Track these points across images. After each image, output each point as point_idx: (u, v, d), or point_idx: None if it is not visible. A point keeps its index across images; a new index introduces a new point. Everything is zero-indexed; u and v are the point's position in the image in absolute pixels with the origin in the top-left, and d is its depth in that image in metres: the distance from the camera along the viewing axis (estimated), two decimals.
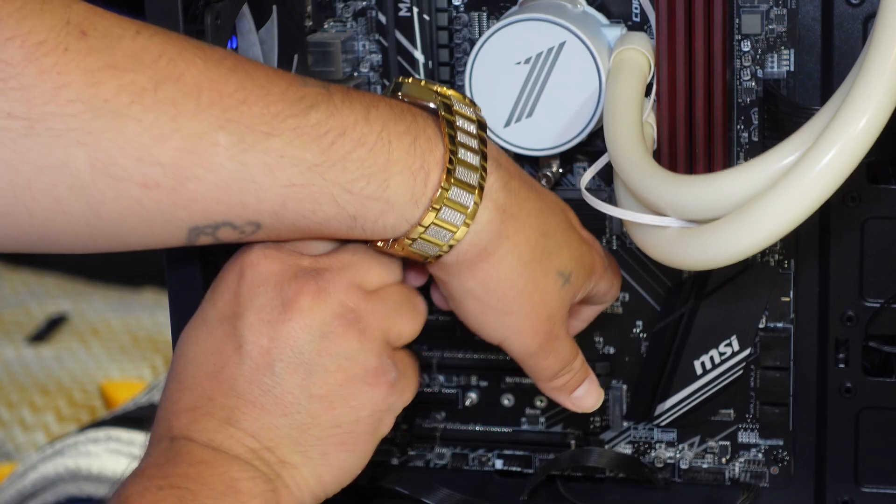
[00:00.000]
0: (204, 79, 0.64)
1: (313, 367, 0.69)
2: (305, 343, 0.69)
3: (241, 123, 0.65)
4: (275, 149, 0.65)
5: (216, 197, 0.65)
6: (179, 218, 0.65)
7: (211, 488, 0.66)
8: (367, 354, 0.70)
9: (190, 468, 0.67)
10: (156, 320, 2.26)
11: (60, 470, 1.30)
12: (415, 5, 0.87)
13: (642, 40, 0.82)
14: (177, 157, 0.64)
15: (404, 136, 0.68)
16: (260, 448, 0.69)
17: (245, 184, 0.65)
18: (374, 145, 0.67)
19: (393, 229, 0.69)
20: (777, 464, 0.91)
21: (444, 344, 0.93)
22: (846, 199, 0.84)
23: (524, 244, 0.72)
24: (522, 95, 0.83)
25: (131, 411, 1.43)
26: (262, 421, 0.69)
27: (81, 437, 1.33)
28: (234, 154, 0.65)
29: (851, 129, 0.67)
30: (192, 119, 0.64)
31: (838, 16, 0.82)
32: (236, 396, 0.69)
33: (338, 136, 0.67)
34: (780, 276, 0.88)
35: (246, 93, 0.65)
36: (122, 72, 0.63)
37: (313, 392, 0.69)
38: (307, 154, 0.66)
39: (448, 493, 0.91)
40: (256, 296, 0.69)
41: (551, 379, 0.77)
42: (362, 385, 0.70)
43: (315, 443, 0.70)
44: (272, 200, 0.66)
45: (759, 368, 0.89)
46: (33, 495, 1.31)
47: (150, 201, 0.64)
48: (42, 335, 2.23)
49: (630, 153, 0.77)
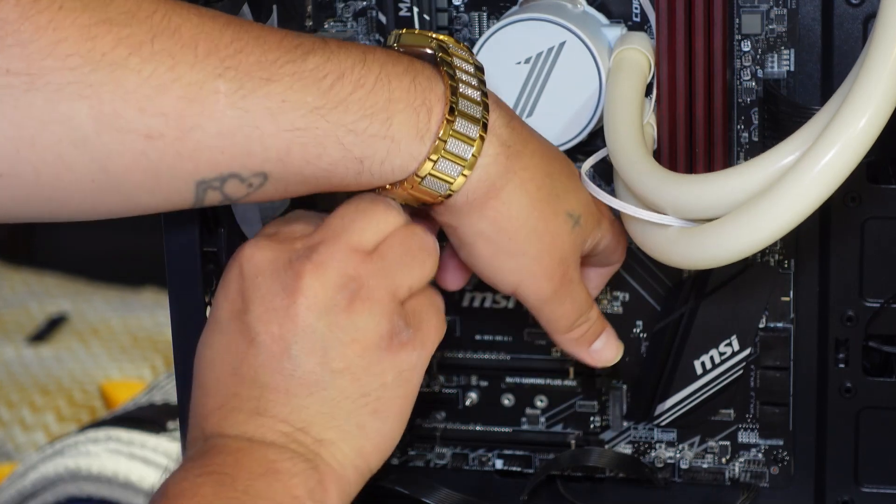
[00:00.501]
0: (199, 31, 0.65)
1: (328, 343, 0.69)
2: (315, 321, 0.69)
3: (240, 70, 0.65)
4: (275, 94, 0.66)
5: (221, 146, 0.65)
6: (186, 170, 0.66)
7: (250, 471, 0.67)
8: (377, 320, 0.70)
9: (227, 457, 0.67)
10: (156, 320, 2.26)
11: (60, 470, 1.30)
12: (415, 5, 0.87)
13: (642, 40, 0.82)
14: (178, 106, 0.64)
15: (403, 76, 0.69)
16: (293, 431, 0.69)
17: (248, 129, 0.66)
18: (374, 86, 0.68)
19: (401, 169, 0.69)
20: (777, 464, 0.91)
21: (444, 344, 0.92)
22: (846, 199, 0.84)
23: (531, 182, 0.72)
24: (522, 95, 0.83)
25: (131, 411, 1.43)
26: (291, 404, 0.69)
27: (81, 437, 1.33)
28: (234, 101, 0.65)
29: (851, 128, 0.67)
30: (190, 69, 0.64)
31: (838, 16, 0.82)
32: (260, 387, 0.69)
33: (336, 79, 0.67)
34: (780, 276, 0.88)
35: (242, 43, 0.66)
36: (117, 26, 0.63)
37: (334, 367, 0.69)
38: (307, 97, 0.66)
39: (448, 493, 0.91)
40: (258, 287, 0.69)
41: (568, 329, 0.77)
42: (379, 351, 0.70)
43: (347, 416, 0.70)
44: (277, 147, 0.66)
45: (759, 368, 0.89)
46: (33, 495, 1.31)
47: (156, 152, 0.65)
48: (42, 335, 2.23)
49: (630, 153, 0.77)
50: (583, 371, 0.91)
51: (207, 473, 0.66)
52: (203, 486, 0.66)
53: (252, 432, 0.68)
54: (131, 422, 1.37)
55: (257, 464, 0.67)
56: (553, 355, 0.92)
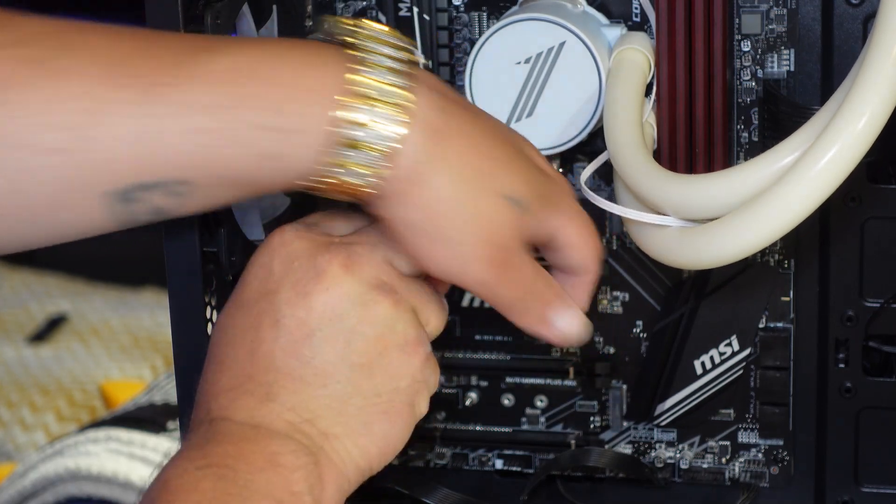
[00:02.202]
0: (99, 44, 0.66)
1: (353, 335, 0.69)
2: (344, 311, 0.69)
3: (140, 78, 0.65)
4: (175, 96, 0.65)
5: (127, 155, 0.65)
6: (97, 182, 0.66)
7: (251, 464, 0.67)
8: (404, 324, 0.70)
9: (229, 446, 0.67)
10: (156, 320, 2.26)
11: (60, 470, 1.30)
12: (415, 5, 0.87)
13: (642, 40, 0.82)
14: (79, 119, 0.64)
15: (308, 67, 0.67)
16: (300, 421, 0.69)
17: (152, 135, 0.65)
18: (280, 80, 0.67)
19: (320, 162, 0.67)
20: (777, 464, 0.91)
21: (444, 344, 0.93)
22: (846, 199, 0.84)
23: (465, 166, 0.69)
24: (522, 95, 0.83)
25: (131, 411, 1.43)
26: (302, 394, 0.69)
27: (81, 437, 1.33)
28: (134, 109, 0.65)
29: (851, 128, 0.67)
30: (91, 81, 0.64)
31: (838, 16, 0.82)
32: (275, 371, 0.69)
33: (240, 76, 0.66)
34: (780, 276, 0.88)
35: (142, 51, 0.66)
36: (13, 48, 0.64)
37: (353, 361, 0.69)
38: (211, 97, 0.65)
39: (448, 493, 0.91)
40: (291, 271, 0.70)
41: (523, 314, 0.73)
42: (401, 354, 0.70)
43: (356, 412, 0.70)
44: (188, 150, 0.66)
45: (759, 368, 0.89)
46: (33, 495, 1.31)
47: (62, 167, 0.65)
48: (42, 335, 2.23)
49: (630, 153, 0.77)
50: (583, 371, 0.91)
51: (208, 466, 0.66)
52: (203, 481, 0.66)
53: (259, 419, 0.68)
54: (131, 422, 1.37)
55: (259, 456, 0.67)
56: (553, 355, 0.92)
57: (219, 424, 0.68)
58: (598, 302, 0.90)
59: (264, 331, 0.69)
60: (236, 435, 0.68)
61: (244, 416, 0.68)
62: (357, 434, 0.70)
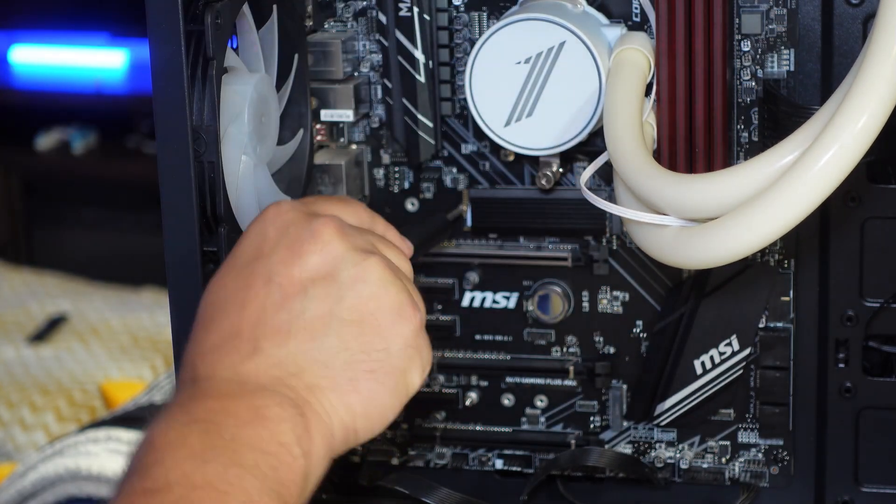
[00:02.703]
0: None
1: (346, 292, 0.70)
2: (339, 270, 0.70)
3: None
4: None
5: None
6: None
7: (237, 418, 0.67)
8: (399, 289, 0.71)
9: (213, 402, 0.67)
10: (156, 320, 2.26)
11: (60, 470, 1.30)
12: (415, 5, 0.87)
13: (642, 40, 0.82)
14: None
15: None
16: (285, 375, 0.69)
17: None
18: None
19: None
20: (777, 464, 0.91)
21: (444, 344, 0.93)
22: (846, 199, 0.84)
23: None
24: (522, 95, 0.83)
25: (131, 411, 1.43)
26: (289, 347, 0.69)
27: (81, 437, 1.33)
28: None
29: (850, 128, 0.67)
30: None
31: (838, 16, 0.82)
32: (263, 325, 0.69)
33: None
34: (780, 276, 0.88)
35: None
36: None
37: (343, 317, 0.70)
38: None
39: (448, 493, 0.91)
40: (286, 234, 0.71)
41: None
42: (394, 316, 0.71)
43: (343, 367, 0.70)
44: None
45: (759, 368, 0.89)
46: (33, 495, 1.31)
47: None
48: (42, 335, 2.23)
49: (630, 153, 0.78)
50: (583, 371, 0.92)
51: (194, 421, 0.66)
52: (190, 436, 0.65)
53: (244, 374, 0.68)
54: (131, 422, 1.37)
55: (245, 410, 0.67)
56: (553, 355, 0.92)
57: (203, 383, 0.68)
58: (598, 302, 0.90)
59: (256, 289, 0.70)
60: (221, 391, 0.68)
61: (229, 373, 0.68)
62: (342, 390, 0.70)
